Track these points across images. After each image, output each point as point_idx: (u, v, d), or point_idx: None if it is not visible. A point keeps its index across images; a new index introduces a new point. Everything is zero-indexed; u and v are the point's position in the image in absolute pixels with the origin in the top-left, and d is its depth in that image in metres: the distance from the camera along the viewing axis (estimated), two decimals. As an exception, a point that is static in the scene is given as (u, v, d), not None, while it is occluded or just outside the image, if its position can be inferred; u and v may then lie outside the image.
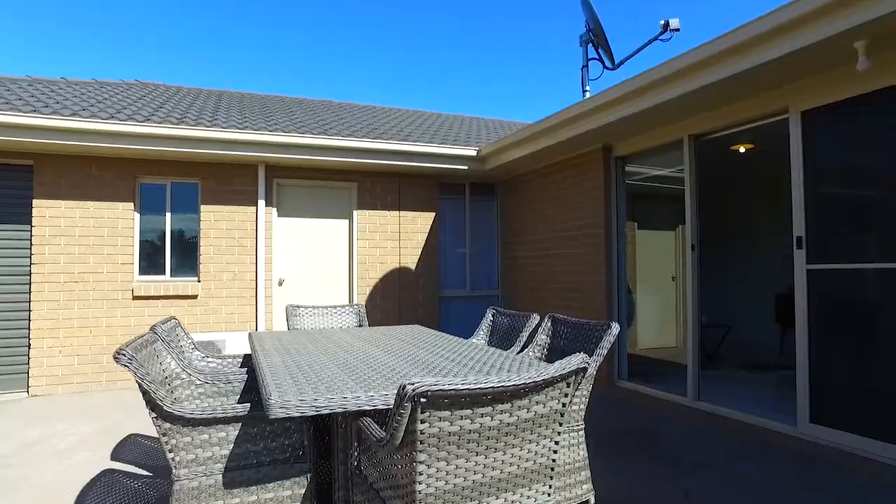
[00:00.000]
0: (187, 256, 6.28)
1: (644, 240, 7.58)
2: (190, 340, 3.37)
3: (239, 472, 2.19)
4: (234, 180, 6.37)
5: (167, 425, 2.10)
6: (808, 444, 3.63)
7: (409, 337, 3.53)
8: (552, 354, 3.27)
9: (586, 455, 2.75)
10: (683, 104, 4.24)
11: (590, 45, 5.19)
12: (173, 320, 3.36)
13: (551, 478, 1.88)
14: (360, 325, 4.56)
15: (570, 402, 1.87)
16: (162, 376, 2.71)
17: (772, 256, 7.43)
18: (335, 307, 4.57)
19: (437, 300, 7.31)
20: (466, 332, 6.96)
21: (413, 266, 7.20)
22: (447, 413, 1.56)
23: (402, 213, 7.18)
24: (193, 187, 6.31)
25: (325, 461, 2.50)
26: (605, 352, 2.80)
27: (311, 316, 4.49)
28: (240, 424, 2.19)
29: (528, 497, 1.84)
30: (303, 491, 2.26)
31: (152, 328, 2.88)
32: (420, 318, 7.15)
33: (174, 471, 2.12)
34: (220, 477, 2.16)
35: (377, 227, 7.04)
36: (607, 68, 5.28)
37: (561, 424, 1.82)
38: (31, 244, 5.65)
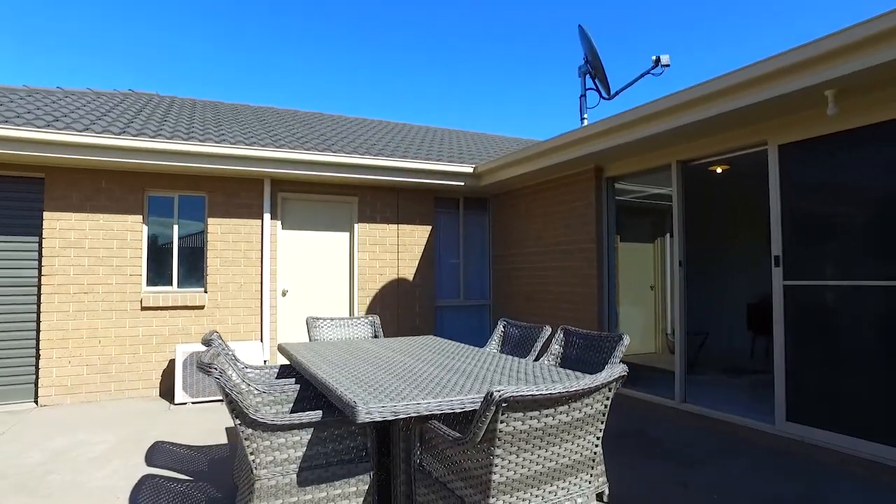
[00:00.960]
0: (194, 268, 6.44)
1: (624, 251, 8.07)
2: (231, 352, 3.61)
3: (311, 471, 2.47)
4: (241, 194, 6.57)
5: (249, 431, 2.36)
6: (785, 440, 4.09)
7: (435, 347, 3.84)
8: (565, 363, 3.63)
9: (601, 451, 3.11)
10: (672, 136, 4.69)
11: (587, 76, 5.63)
12: (215, 333, 3.58)
13: (592, 468, 2.24)
14: (376, 336, 4.84)
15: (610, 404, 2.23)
16: (222, 386, 2.95)
17: (741, 269, 8.01)
18: (351, 319, 4.84)
19: (433, 309, 7.62)
20: (462, 340, 7.29)
21: (410, 277, 7.50)
22: (520, 414, 1.89)
23: (401, 226, 7.48)
24: (200, 200, 6.48)
25: (384, 460, 2.78)
26: (618, 360, 3.17)
27: (329, 327, 4.75)
28: (312, 429, 2.47)
29: (575, 484, 2.18)
30: (366, 487, 2.55)
31: (209, 342, 3.11)
32: (417, 327, 7.45)
33: (255, 471, 2.39)
34: (294, 476, 2.44)
35: (377, 239, 7.32)
36: (603, 98, 5.73)
37: (602, 423, 2.18)
38: (42, 256, 5.73)
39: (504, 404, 1.83)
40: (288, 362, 4.77)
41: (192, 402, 5.74)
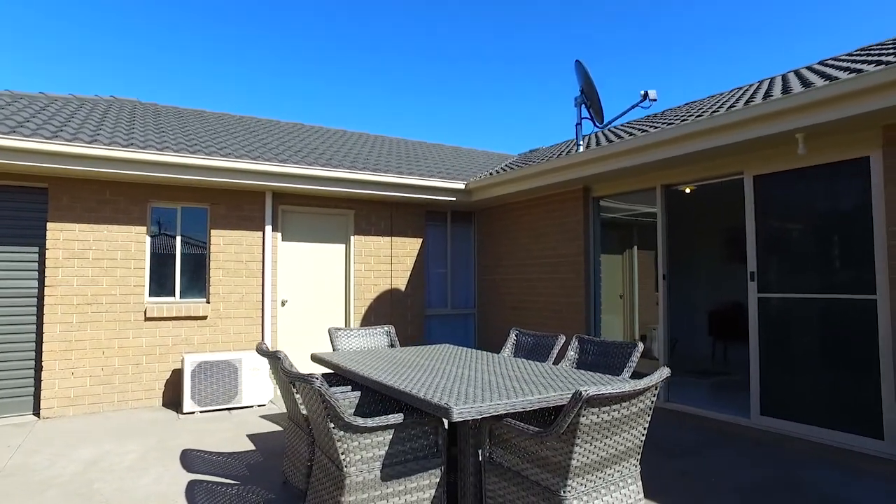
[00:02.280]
0: (196, 278, 6.52)
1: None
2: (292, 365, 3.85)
3: (392, 467, 2.80)
4: (243, 206, 6.72)
5: (342, 433, 2.67)
6: (759, 431, 4.72)
7: (463, 355, 4.22)
8: (582, 368, 4.09)
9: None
10: (657, 165, 5.29)
11: (583, 105, 6.17)
12: (263, 344, 3.82)
13: (639, 454, 2.69)
14: (392, 345, 5.16)
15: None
16: (293, 394, 3.22)
17: (702, 280, 8.80)
18: (368, 329, 5.14)
19: (423, 318, 7.97)
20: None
21: (403, 287, 7.82)
22: (597, 409, 2.32)
23: (394, 238, 7.80)
24: (203, 212, 6.58)
25: (451, 454, 3.12)
26: (633, 365, 3.66)
27: (348, 337, 5.03)
28: (393, 430, 2.80)
29: (626, 467, 2.63)
30: (437, 480, 2.90)
31: (275, 353, 3.36)
32: (409, 335, 7.77)
33: (345, 468, 2.69)
34: (378, 472, 2.76)
35: (371, 251, 7.61)
36: (597, 126, 6.28)
37: (649, 416, 2.63)
38: (45, 267, 5.70)
39: (588, 402, 2.24)
40: (324, 370, 4.97)
41: (200, 412, 5.84)
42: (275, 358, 3.33)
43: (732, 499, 3.49)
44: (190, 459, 4.31)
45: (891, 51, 4.84)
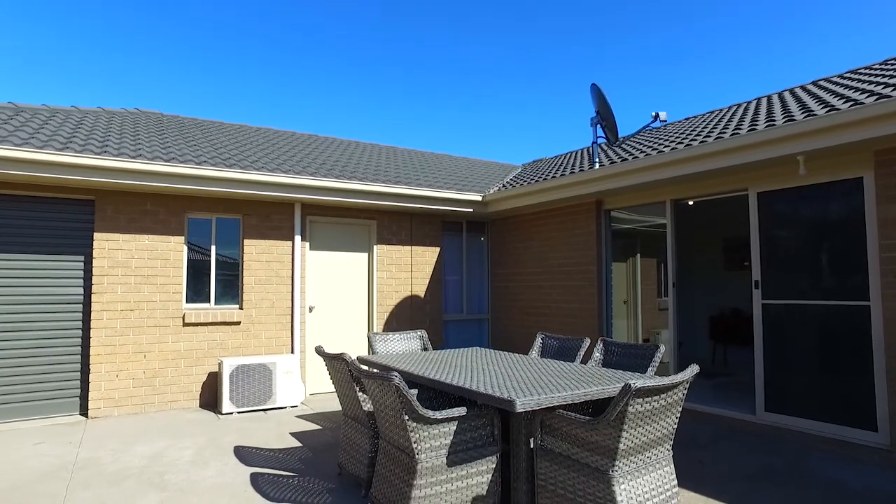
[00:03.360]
0: (229, 286, 6.87)
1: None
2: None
3: (455, 454, 3.18)
4: (273, 217, 7.07)
5: (415, 424, 3.05)
6: (764, 426, 5.15)
7: (499, 356, 4.62)
8: (608, 367, 4.50)
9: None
10: (667, 182, 5.73)
11: (598, 125, 6.62)
12: (321, 347, 4.18)
13: (671, 440, 3.09)
14: (425, 349, 5.54)
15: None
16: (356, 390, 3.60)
17: (703, 286, 9.27)
18: (404, 333, 5.52)
19: (441, 323, 8.35)
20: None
21: (422, 294, 8.20)
22: (641, 400, 2.72)
23: (414, 247, 8.19)
24: (236, 222, 6.93)
25: (505, 443, 3.50)
26: (657, 365, 4.08)
27: (385, 341, 5.40)
28: (457, 422, 3.18)
29: (661, 451, 3.03)
30: (493, 465, 3.29)
31: (340, 355, 3.72)
32: (429, 339, 8.12)
33: (417, 455, 3.07)
34: (444, 458, 3.14)
35: (393, 259, 7.99)
36: (611, 146, 6.72)
37: (681, 407, 3.05)
38: (92, 275, 6.02)
39: (636, 393, 2.65)
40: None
41: (238, 412, 6.17)
42: (341, 360, 3.70)
43: (744, 483, 3.90)
44: (244, 455, 4.66)
45: (878, 74, 5.33)
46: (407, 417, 3.04)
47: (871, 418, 4.50)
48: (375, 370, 3.54)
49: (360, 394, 3.76)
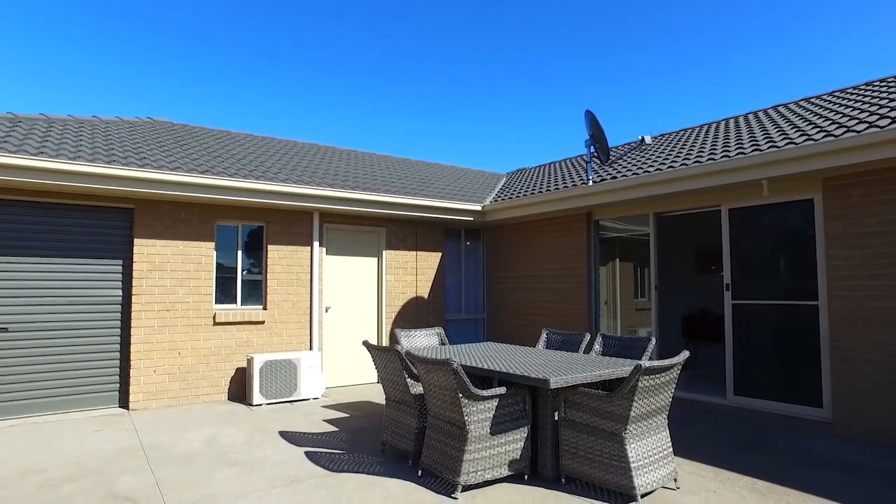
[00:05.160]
0: (254, 288, 7.43)
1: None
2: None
3: (496, 425, 3.91)
4: (294, 224, 7.67)
5: (467, 400, 3.77)
6: (734, 408, 6.05)
7: (515, 348, 5.37)
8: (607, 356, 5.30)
9: (641, 414, 4.80)
10: (652, 198, 6.61)
11: (591, 147, 7.45)
12: (368, 341, 4.85)
13: (667, 410, 3.90)
14: (443, 343, 6.25)
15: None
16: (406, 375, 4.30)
17: (674, 288, 10.24)
18: (424, 330, 6.23)
19: (443, 322, 9.07)
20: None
21: (426, 295, 8.91)
22: (649, 377, 3.51)
23: (419, 252, 8.88)
24: (260, 229, 7.50)
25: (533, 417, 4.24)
26: (650, 354, 4.90)
27: (408, 337, 6.10)
28: (498, 399, 3.92)
29: (660, 419, 3.84)
30: (525, 435, 4.04)
31: (392, 347, 4.40)
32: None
33: (468, 426, 3.79)
34: (488, 428, 3.87)
35: (400, 264, 8.66)
36: (603, 165, 7.55)
37: (675, 385, 3.86)
38: (132, 278, 6.51)
39: (645, 371, 3.44)
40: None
41: (267, 404, 6.76)
42: (394, 352, 4.39)
43: (721, 450, 4.76)
44: (291, 437, 5.28)
45: (827, 104, 6.31)
46: (461, 395, 3.75)
47: (818, 397, 5.44)
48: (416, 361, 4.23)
49: (408, 380, 4.45)
